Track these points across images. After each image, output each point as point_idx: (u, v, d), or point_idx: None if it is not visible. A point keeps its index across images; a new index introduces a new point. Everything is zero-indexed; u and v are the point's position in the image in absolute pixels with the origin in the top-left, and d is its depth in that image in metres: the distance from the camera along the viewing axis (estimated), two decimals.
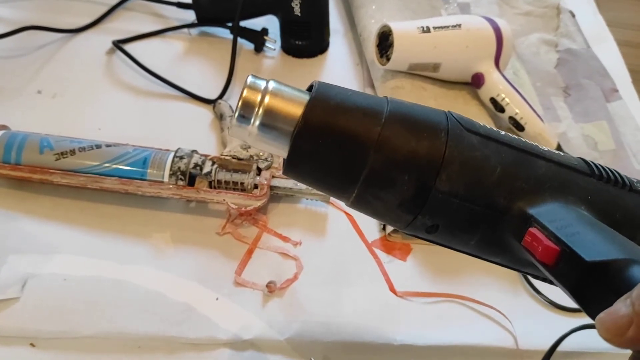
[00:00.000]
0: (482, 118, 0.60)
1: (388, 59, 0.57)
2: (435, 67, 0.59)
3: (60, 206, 0.51)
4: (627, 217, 0.27)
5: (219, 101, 0.60)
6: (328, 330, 0.45)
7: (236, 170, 0.51)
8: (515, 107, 0.57)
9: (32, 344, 0.43)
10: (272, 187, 0.51)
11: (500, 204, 0.26)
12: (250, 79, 0.26)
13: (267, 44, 0.67)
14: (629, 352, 0.21)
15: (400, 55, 0.57)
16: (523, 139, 0.28)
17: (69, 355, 0.43)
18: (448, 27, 0.57)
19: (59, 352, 0.43)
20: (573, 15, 0.73)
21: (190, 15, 0.68)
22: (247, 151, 0.52)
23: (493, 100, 0.58)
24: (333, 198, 0.50)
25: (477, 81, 0.59)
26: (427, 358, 0.45)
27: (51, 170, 0.49)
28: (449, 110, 0.27)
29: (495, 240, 0.27)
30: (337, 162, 0.26)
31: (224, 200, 0.49)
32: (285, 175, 0.28)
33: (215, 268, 0.48)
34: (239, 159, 0.51)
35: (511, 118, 0.57)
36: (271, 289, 0.47)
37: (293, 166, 0.27)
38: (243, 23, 0.66)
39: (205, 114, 0.61)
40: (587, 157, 0.29)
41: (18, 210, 0.50)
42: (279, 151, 0.27)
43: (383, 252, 0.51)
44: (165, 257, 0.49)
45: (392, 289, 0.49)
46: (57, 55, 0.65)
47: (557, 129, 0.62)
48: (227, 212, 0.51)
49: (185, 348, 0.44)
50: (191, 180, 0.50)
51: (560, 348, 0.44)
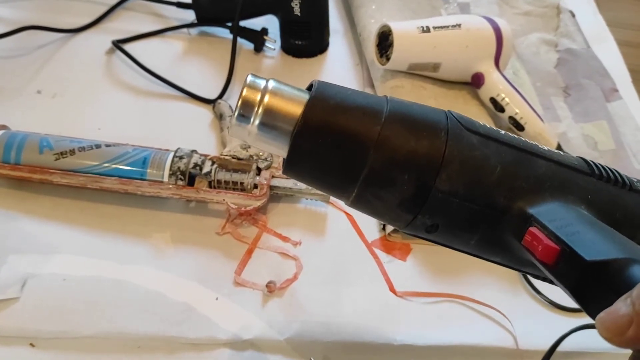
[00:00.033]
0: (482, 118, 0.60)
1: (388, 59, 0.57)
2: (435, 67, 0.59)
3: (60, 206, 0.51)
4: (627, 217, 0.27)
5: (219, 101, 0.60)
6: (328, 330, 0.45)
7: (236, 170, 0.51)
8: (515, 107, 0.57)
9: (31, 344, 0.43)
10: (271, 187, 0.51)
11: (500, 204, 0.26)
12: (250, 78, 0.26)
13: (267, 43, 0.67)
14: (629, 351, 0.21)
15: (400, 55, 0.57)
16: (523, 139, 0.28)
17: (68, 355, 0.43)
18: (448, 27, 0.57)
19: (59, 352, 0.43)
20: (573, 15, 0.73)
21: (190, 15, 0.68)
22: (246, 151, 0.52)
23: (493, 100, 0.58)
24: (333, 197, 0.50)
25: (477, 81, 0.59)
26: (427, 358, 0.45)
27: (51, 170, 0.49)
28: (448, 110, 0.27)
29: (495, 240, 0.27)
30: (336, 161, 0.26)
31: (224, 200, 0.49)
32: (285, 175, 0.28)
33: (215, 268, 0.48)
34: (239, 159, 0.51)
35: (511, 118, 0.57)
36: (271, 288, 0.47)
37: (293, 165, 0.27)
38: (243, 23, 0.66)
39: (205, 113, 0.61)
40: (587, 157, 0.29)
41: (18, 210, 0.50)
42: (278, 150, 0.27)
43: (383, 252, 0.51)
44: (165, 257, 0.49)
45: (392, 289, 0.48)
46: (57, 55, 0.65)
47: (557, 128, 0.62)
48: (226, 212, 0.51)
49: (185, 348, 0.44)
50: (191, 180, 0.50)
51: (560, 348, 0.44)
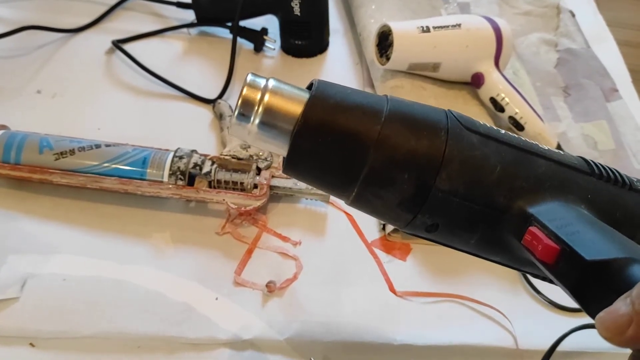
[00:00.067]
0: (482, 118, 0.60)
1: (388, 59, 0.57)
2: (435, 66, 0.59)
3: (59, 206, 0.51)
4: (627, 216, 0.27)
5: (219, 101, 0.60)
6: (328, 330, 0.45)
7: (236, 170, 0.51)
8: (515, 106, 0.57)
9: (31, 344, 0.43)
10: (271, 187, 0.51)
11: (500, 203, 0.26)
12: (250, 77, 0.26)
13: (267, 43, 0.67)
14: (628, 351, 0.21)
15: (400, 55, 0.57)
16: (523, 138, 0.28)
17: (68, 355, 0.43)
18: (448, 26, 0.57)
19: (59, 352, 0.43)
20: (573, 15, 0.73)
21: (189, 15, 0.68)
22: (246, 151, 0.52)
23: (493, 100, 0.58)
24: (333, 197, 0.50)
25: (477, 81, 0.59)
26: (427, 358, 0.45)
27: (51, 170, 0.49)
28: (449, 109, 0.27)
29: (495, 239, 0.27)
30: (337, 160, 0.26)
31: (224, 200, 0.49)
32: (285, 174, 0.28)
33: (215, 268, 0.48)
34: (239, 159, 0.51)
35: (511, 118, 0.57)
36: (271, 288, 0.47)
37: (293, 165, 0.27)
38: (243, 23, 0.66)
39: (204, 113, 0.61)
40: (587, 157, 0.29)
41: (18, 210, 0.50)
42: (278, 150, 0.27)
43: (383, 252, 0.51)
44: (165, 257, 0.48)
45: (392, 289, 0.48)
46: (57, 55, 0.65)
47: (557, 128, 0.62)
48: (226, 212, 0.51)
49: (185, 348, 0.44)
50: (191, 180, 0.50)
51: (560, 348, 0.44)
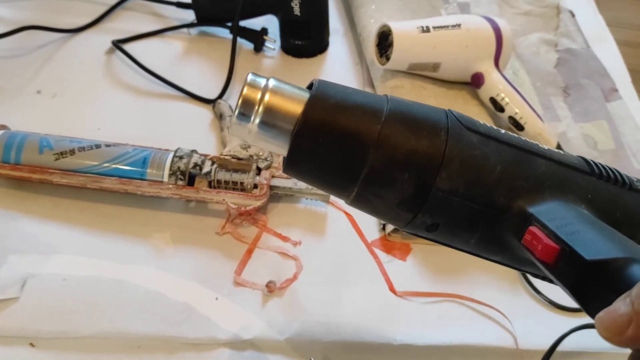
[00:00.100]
0: (481, 118, 0.60)
1: (388, 59, 0.57)
2: (435, 66, 0.59)
3: (59, 206, 0.51)
4: (627, 216, 0.27)
5: (219, 101, 0.60)
6: (328, 330, 0.45)
7: (236, 170, 0.51)
8: (514, 106, 0.57)
9: (31, 344, 0.43)
10: (271, 187, 0.51)
11: (500, 203, 0.26)
12: (250, 77, 0.26)
13: (267, 43, 0.67)
14: (628, 351, 0.21)
15: (400, 55, 0.57)
16: (523, 138, 0.28)
17: (68, 355, 0.43)
18: (448, 26, 0.57)
19: (59, 352, 0.43)
20: (573, 15, 0.73)
21: (189, 15, 0.68)
22: (246, 151, 0.52)
23: (493, 100, 0.58)
24: (333, 197, 0.50)
25: (476, 81, 0.59)
26: (427, 358, 0.45)
27: (51, 170, 0.49)
28: (449, 109, 0.27)
29: (495, 239, 0.27)
30: (337, 160, 0.26)
31: (224, 200, 0.49)
32: (285, 174, 0.28)
33: (215, 268, 0.48)
34: (239, 159, 0.51)
35: (511, 118, 0.57)
36: (271, 288, 0.47)
37: (293, 164, 0.27)
38: (243, 23, 0.66)
39: (204, 113, 0.61)
40: (587, 157, 0.29)
41: (18, 210, 0.50)
42: (278, 149, 0.27)
43: (383, 251, 0.51)
44: (165, 257, 0.48)
45: (392, 289, 0.48)
46: (57, 55, 0.65)
47: (557, 128, 0.62)
48: (226, 212, 0.51)
49: (185, 348, 0.44)
50: (191, 180, 0.50)
51: (560, 348, 0.44)
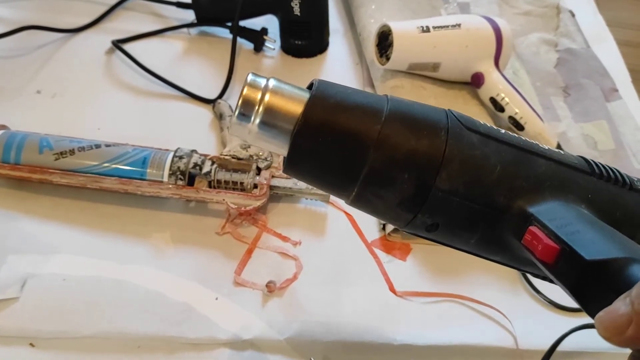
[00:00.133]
0: (481, 118, 0.60)
1: (388, 59, 0.57)
2: (435, 66, 0.59)
3: (59, 206, 0.51)
4: (627, 216, 0.27)
5: (219, 101, 0.60)
6: (328, 330, 0.45)
7: (236, 170, 0.51)
8: (515, 106, 0.57)
9: (31, 344, 0.43)
10: (271, 187, 0.51)
11: (500, 203, 0.26)
12: (250, 77, 0.26)
13: (267, 43, 0.67)
14: (628, 351, 0.21)
15: (400, 54, 0.57)
16: (523, 138, 0.28)
17: (68, 355, 0.43)
18: (448, 26, 0.57)
19: (59, 352, 0.43)
20: (573, 15, 0.73)
21: (189, 15, 0.68)
22: (246, 151, 0.52)
23: (493, 100, 0.58)
24: (333, 197, 0.50)
25: (476, 81, 0.59)
26: (427, 358, 0.45)
27: (50, 170, 0.49)
28: (449, 109, 0.27)
29: (495, 239, 0.27)
30: (337, 160, 0.26)
31: (224, 200, 0.49)
32: (286, 174, 0.28)
33: (215, 268, 0.48)
34: (239, 159, 0.51)
35: (511, 118, 0.57)
36: (271, 288, 0.47)
37: (293, 164, 0.27)
38: (243, 23, 0.66)
39: (204, 113, 0.61)
40: (587, 157, 0.29)
41: (18, 210, 0.50)
42: (279, 149, 0.27)
43: (383, 251, 0.51)
44: (165, 257, 0.48)
45: (392, 289, 0.48)
46: (57, 55, 0.65)
47: (557, 128, 0.62)
48: (226, 211, 0.51)
49: (185, 348, 0.44)
50: (191, 180, 0.50)
51: (560, 348, 0.44)
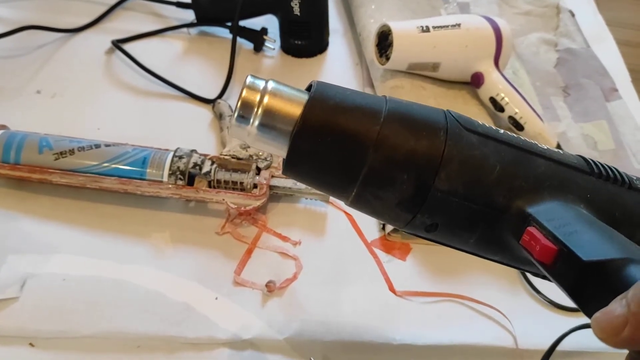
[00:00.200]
0: (481, 117, 0.60)
1: (387, 59, 0.57)
2: (435, 66, 0.59)
3: (59, 206, 0.51)
4: (626, 215, 0.27)
5: (219, 101, 0.60)
6: (327, 329, 0.45)
7: (235, 170, 0.51)
8: (514, 106, 0.57)
9: (31, 344, 0.43)
10: (271, 187, 0.51)
11: (499, 203, 0.26)
12: (249, 79, 0.26)
13: (267, 43, 0.67)
14: (627, 351, 0.21)
15: (400, 54, 0.57)
16: (522, 137, 0.28)
17: (68, 355, 0.43)
18: (447, 26, 0.57)
19: (58, 351, 0.43)
20: (573, 15, 0.73)
21: (189, 15, 0.68)
22: (246, 151, 0.52)
23: (492, 100, 0.58)
24: (332, 197, 0.50)
25: (476, 81, 0.59)
26: (426, 357, 0.45)
27: (50, 170, 0.49)
28: (447, 109, 0.27)
29: (495, 239, 0.27)
30: (336, 161, 0.26)
31: (223, 199, 0.49)
32: (285, 175, 0.28)
33: (215, 268, 0.48)
34: (239, 159, 0.51)
35: (511, 117, 0.57)
36: (270, 288, 0.47)
37: (292, 166, 0.27)
38: (242, 23, 0.66)
39: (204, 113, 0.61)
40: (587, 157, 0.29)
41: (17, 210, 0.50)
42: (278, 151, 0.27)
43: (382, 251, 0.51)
44: (165, 257, 0.49)
45: (392, 289, 0.48)
46: (57, 55, 0.65)
47: (557, 128, 0.62)
48: (226, 211, 0.51)
49: (185, 348, 0.44)
50: (190, 180, 0.50)
51: (559, 347, 0.44)
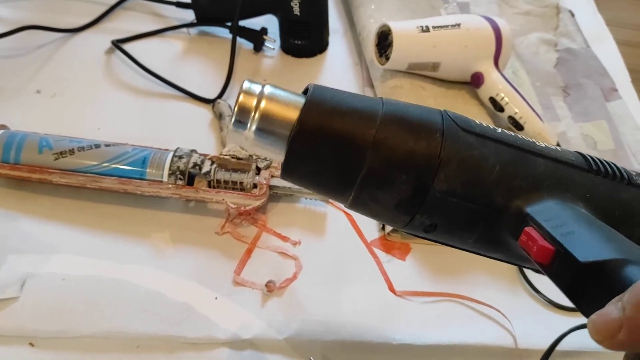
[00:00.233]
0: (481, 117, 0.60)
1: (387, 59, 0.57)
2: (435, 66, 0.59)
3: (59, 206, 0.51)
4: (626, 214, 0.27)
5: (218, 100, 0.60)
6: (327, 329, 0.45)
7: (235, 170, 0.51)
8: (514, 106, 0.57)
9: (31, 344, 0.43)
10: (271, 187, 0.51)
11: (498, 203, 0.26)
12: (246, 84, 0.27)
13: (267, 43, 0.66)
14: None
15: (400, 54, 0.57)
16: (520, 136, 0.27)
17: (68, 354, 0.43)
18: (447, 26, 0.57)
19: (58, 351, 0.43)
20: (572, 15, 0.73)
21: (189, 15, 0.68)
22: (246, 151, 0.52)
23: (492, 100, 0.58)
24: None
25: (476, 81, 0.58)
26: (426, 357, 0.45)
27: (50, 170, 0.49)
28: (444, 109, 0.27)
29: (494, 239, 0.27)
30: (333, 164, 0.26)
31: (223, 199, 0.49)
32: (283, 179, 0.28)
33: (215, 268, 0.48)
34: (238, 159, 0.51)
35: (510, 117, 0.57)
36: (270, 288, 0.47)
37: (290, 170, 0.27)
38: (242, 22, 0.66)
39: (204, 113, 0.61)
40: None
41: (17, 210, 0.50)
42: (275, 155, 0.27)
43: (382, 251, 0.51)
44: (165, 256, 0.49)
45: (391, 289, 0.49)
46: (57, 55, 0.65)
47: (557, 128, 0.62)
48: (226, 211, 0.51)
49: (185, 347, 0.44)
50: (190, 180, 0.50)
51: (559, 347, 0.44)
